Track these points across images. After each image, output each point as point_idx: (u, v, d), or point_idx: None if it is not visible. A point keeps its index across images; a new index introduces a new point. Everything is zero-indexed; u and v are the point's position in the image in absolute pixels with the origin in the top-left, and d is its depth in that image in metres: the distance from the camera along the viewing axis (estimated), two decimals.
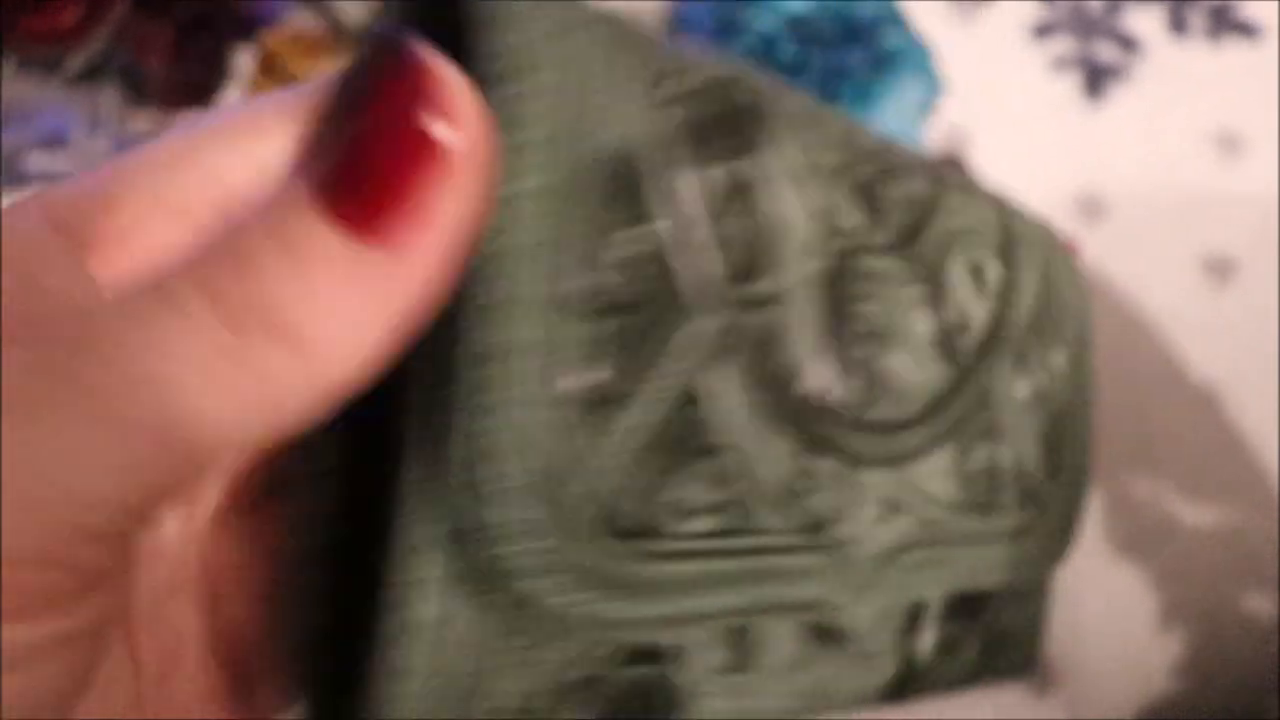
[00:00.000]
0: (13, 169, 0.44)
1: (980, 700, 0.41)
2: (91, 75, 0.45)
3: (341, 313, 0.15)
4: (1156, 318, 0.45)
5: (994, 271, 0.27)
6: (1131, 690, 0.41)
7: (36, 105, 0.45)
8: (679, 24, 0.45)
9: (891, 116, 0.43)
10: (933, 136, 0.46)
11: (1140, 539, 0.42)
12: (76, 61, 0.45)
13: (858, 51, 0.43)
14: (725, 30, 0.43)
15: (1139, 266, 0.45)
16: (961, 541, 0.27)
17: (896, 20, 0.44)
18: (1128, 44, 0.48)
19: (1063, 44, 0.48)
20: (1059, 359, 0.30)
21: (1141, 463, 0.43)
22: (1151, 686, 0.41)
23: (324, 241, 0.15)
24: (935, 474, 0.26)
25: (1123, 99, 0.47)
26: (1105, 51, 0.48)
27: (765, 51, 0.42)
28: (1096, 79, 0.47)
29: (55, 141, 0.44)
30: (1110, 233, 0.46)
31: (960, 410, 0.26)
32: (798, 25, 0.43)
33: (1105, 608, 0.42)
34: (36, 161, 0.44)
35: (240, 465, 0.20)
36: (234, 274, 0.15)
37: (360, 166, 0.15)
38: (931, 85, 0.45)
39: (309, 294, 0.15)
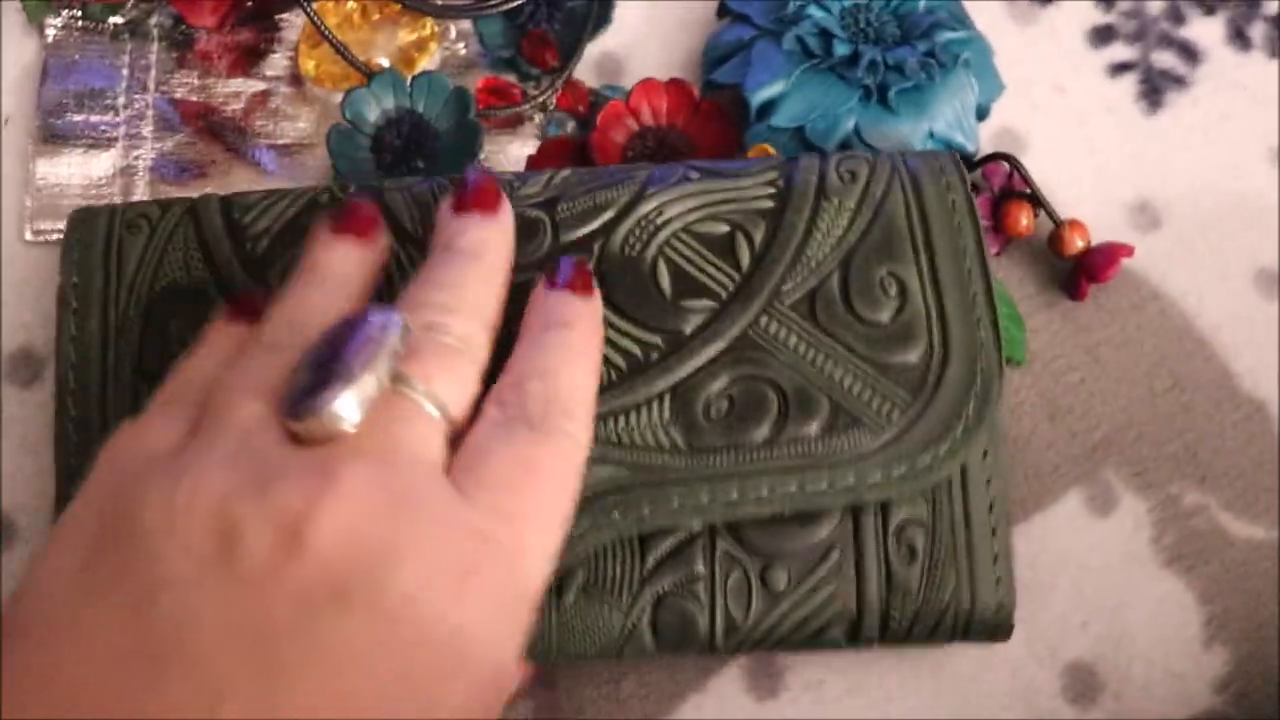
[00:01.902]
0: (51, 124, 0.42)
1: (1018, 708, 0.40)
2: (135, 33, 0.44)
3: None
4: (1208, 329, 0.44)
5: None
6: (1175, 704, 0.41)
7: (78, 60, 0.44)
8: (733, 6, 0.44)
9: (947, 116, 0.42)
10: (989, 136, 0.45)
11: (1188, 551, 0.42)
12: (121, 17, 0.44)
13: (914, 48, 0.42)
14: (779, 22, 0.42)
15: (1192, 276, 0.45)
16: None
17: (958, 18, 0.43)
18: (1188, 53, 0.47)
19: (1122, 50, 0.47)
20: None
21: (1190, 474, 0.43)
22: (1195, 701, 0.41)
23: None
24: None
25: (1181, 108, 0.47)
26: (1164, 59, 0.47)
27: (820, 44, 0.41)
28: (1155, 86, 0.47)
29: (96, 98, 0.43)
30: (1165, 242, 0.46)
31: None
32: (854, 18, 0.42)
33: (1150, 619, 0.41)
34: (76, 117, 0.43)
35: None
36: None
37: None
38: (990, 86, 0.44)
39: None
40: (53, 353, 0.41)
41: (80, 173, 0.42)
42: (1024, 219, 0.43)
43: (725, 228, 0.36)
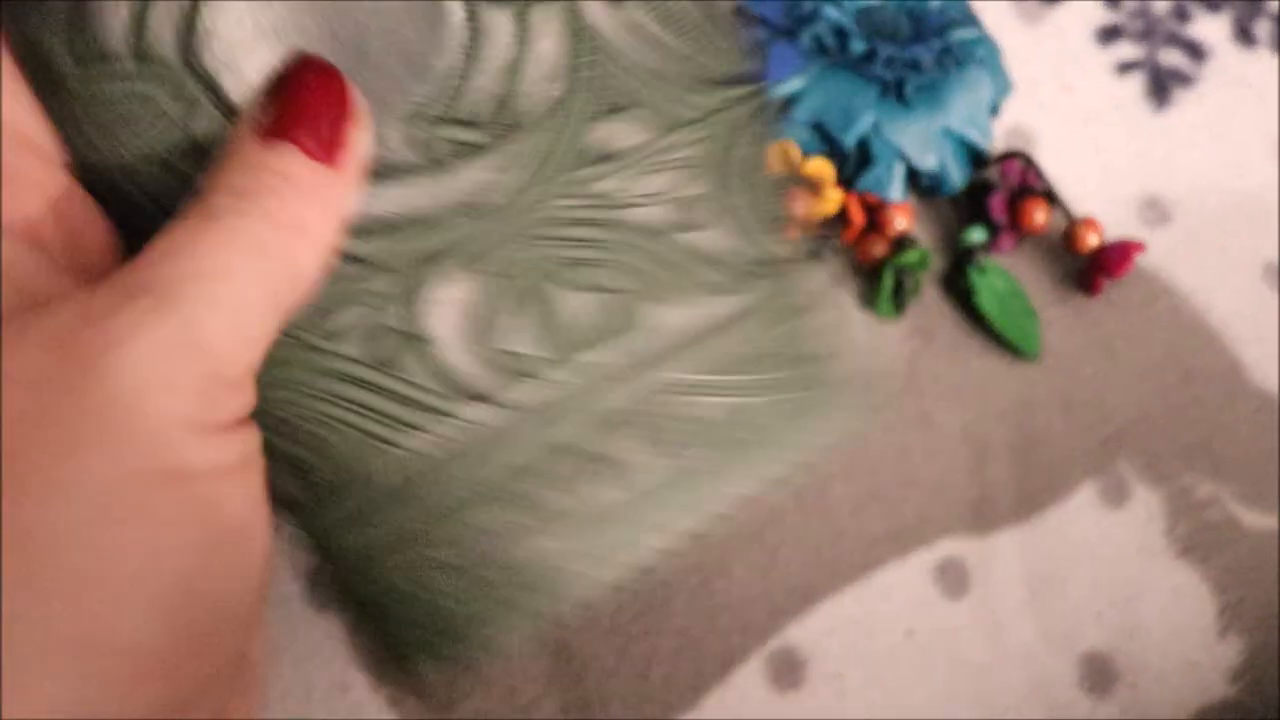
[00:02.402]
0: None
1: (1035, 699, 0.41)
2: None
3: (327, 215, 0.23)
4: (1218, 322, 0.45)
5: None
6: (1190, 693, 0.41)
7: None
8: (751, 14, 0.45)
9: (961, 112, 0.42)
10: (997, 135, 0.46)
11: (1201, 541, 0.42)
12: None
13: (928, 46, 0.42)
14: (795, 22, 0.43)
15: (1202, 271, 0.46)
16: None
17: (968, 18, 0.44)
18: (1194, 51, 0.48)
19: (1128, 48, 0.48)
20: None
21: (1203, 466, 0.43)
22: (1209, 691, 0.41)
23: (307, 170, 0.23)
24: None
25: (1187, 105, 0.48)
26: (1171, 57, 0.48)
27: (836, 42, 0.42)
28: (1162, 84, 0.47)
29: None
30: (1174, 237, 0.46)
31: None
32: (869, 17, 0.43)
33: (1164, 610, 0.41)
34: None
35: None
36: (257, 193, 0.22)
37: (314, 121, 0.23)
38: (1001, 84, 0.44)
39: (309, 203, 0.22)
40: None
41: None
42: (1039, 216, 0.43)
43: None
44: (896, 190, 0.43)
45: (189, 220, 0.22)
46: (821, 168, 0.42)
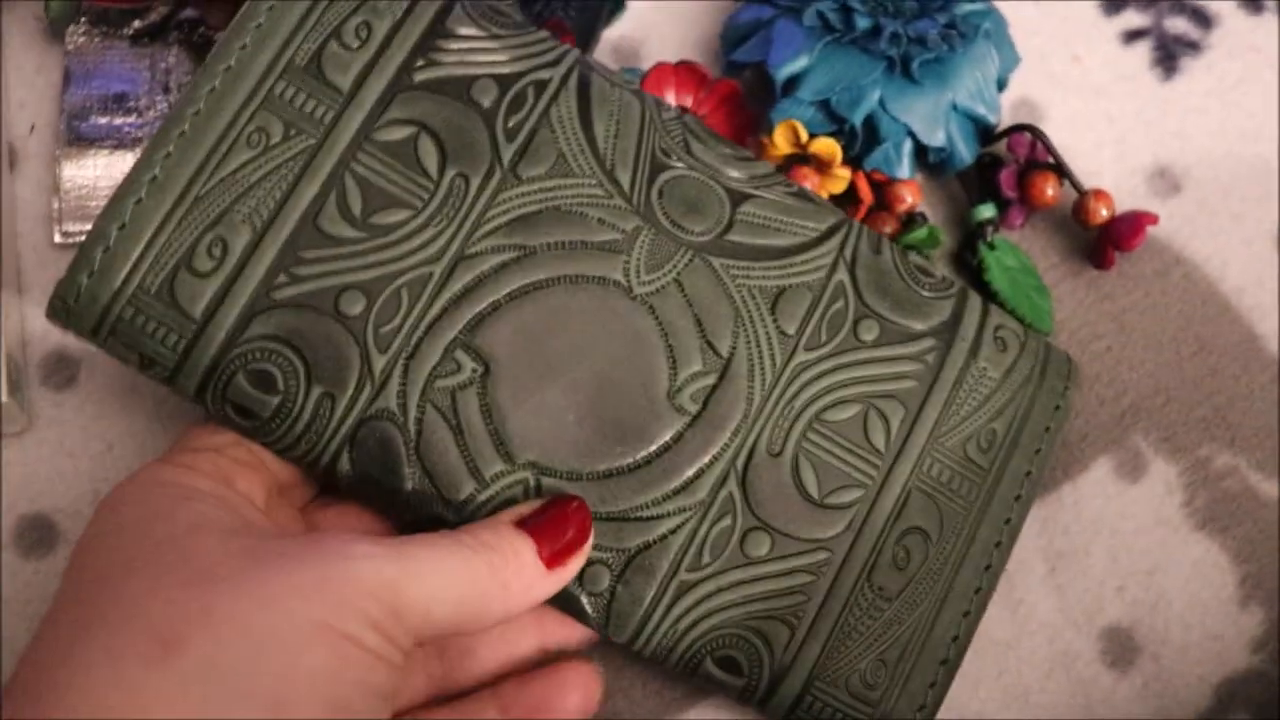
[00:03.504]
0: (76, 128, 0.42)
1: (1058, 674, 0.40)
2: (155, 36, 0.44)
3: (526, 593, 0.32)
4: (1232, 292, 0.44)
5: None
6: (1213, 664, 0.41)
7: (100, 65, 0.43)
8: None
9: (969, 87, 0.42)
10: (1005, 109, 0.45)
11: (1219, 513, 0.42)
12: (142, 22, 0.44)
13: (934, 20, 0.42)
14: None
15: (1214, 241, 0.45)
16: None
17: None
18: (1200, 18, 0.47)
19: (1134, 17, 0.47)
20: None
21: (1219, 437, 0.42)
22: (1232, 661, 0.41)
23: (531, 560, 0.32)
24: None
25: (1196, 73, 0.47)
26: (1177, 25, 0.47)
27: (841, 19, 0.41)
28: (1169, 53, 0.47)
29: (119, 101, 0.43)
30: (1185, 207, 0.45)
31: None
32: None
33: (1185, 582, 0.41)
34: (100, 120, 0.43)
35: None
36: (492, 549, 0.32)
37: (556, 536, 0.33)
38: (1008, 58, 0.44)
39: (519, 578, 0.32)
40: (86, 355, 0.41)
41: (106, 174, 0.42)
42: (1049, 189, 0.43)
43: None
44: (905, 167, 0.42)
45: (440, 535, 0.31)
46: (829, 146, 0.41)
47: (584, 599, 0.35)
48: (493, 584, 0.31)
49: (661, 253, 0.36)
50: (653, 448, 0.35)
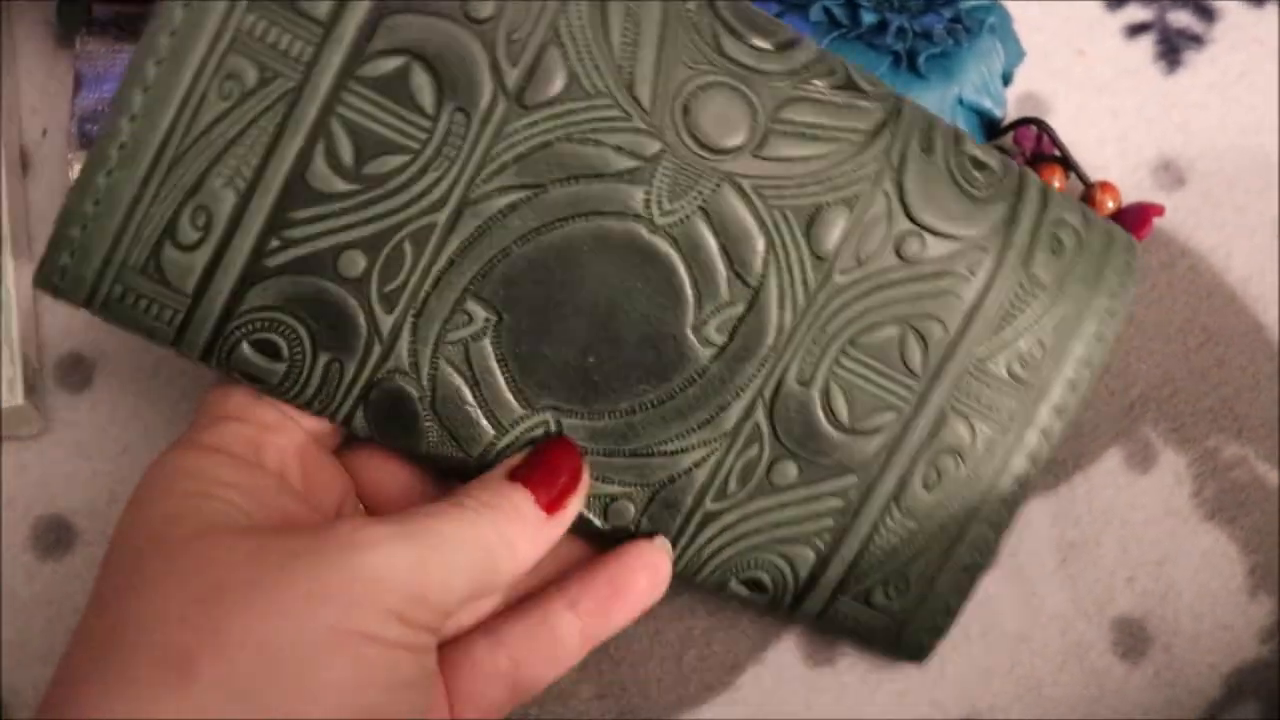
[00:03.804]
0: (88, 132, 0.42)
1: (1071, 665, 0.41)
2: None
3: (533, 544, 0.32)
4: (1237, 283, 0.45)
5: None
6: (1223, 654, 0.41)
7: (110, 69, 0.44)
8: None
9: (975, 81, 0.42)
10: (1011, 103, 0.45)
11: (1228, 503, 0.42)
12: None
13: (939, 15, 0.42)
14: None
15: (1219, 232, 0.45)
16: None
17: None
18: (1203, 11, 0.47)
19: (1138, 11, 0.47)
20: None
21: (1227, 427, 0.43)
22: (1242, 651, 0.41)
23: (531, 511, 0.32)
24: None
25: (1199, 66, 0.47)
26: (1181, 18, 0.47)
27: (847, 14, 0.41)
28: (1173, 46, 0.47)
29: None
30: (1190, 199, 0.46)
31: None
32: None
33: (1195, 572, 0.41)
34: None
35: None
36: (494, 508, 0.31)
37: (550, 481, 0.32)
38: (1012, 52, 0.44)
39: (523, 531, 0.32)
40: (101, 356, 0.41)
41: None
42: (1055, 182, 0.43)
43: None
44: None
45: (443, 504, 0.31)
46: None
47: (609, 533, 0.35)
48: (500, 543, 0.31)
49: (686, 178, 0.33)
50: (676, 382, 0.34)
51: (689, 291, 0.34)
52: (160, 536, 0.30)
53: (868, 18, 0.41)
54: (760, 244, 0.34)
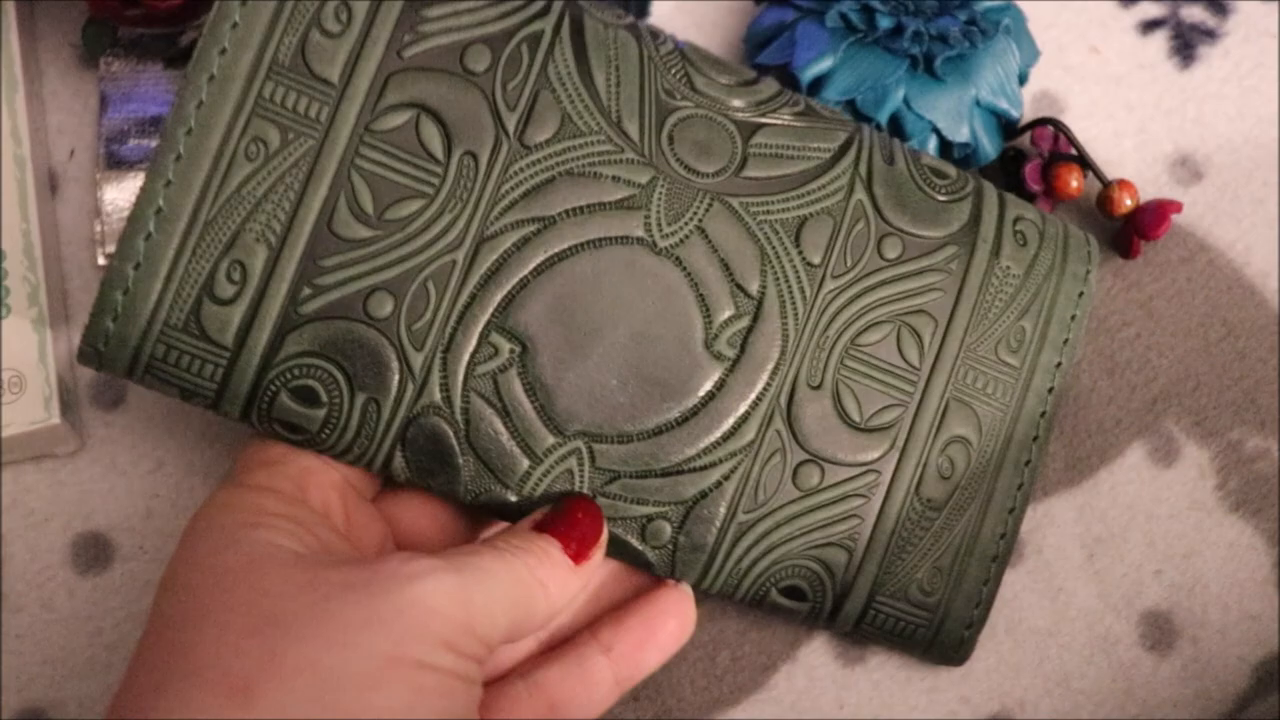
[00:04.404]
0: (114, 152, 0.43)
1: (1099, 659, 0.41)
2: (188, 58, 0.45)
3: (562, 588, 0.33)
4: (1257, 276, 0.45)
5: None
6: (1251, 645, 0.41)
7: (135, 88, 0.44)
8: (769, 0, 0.45)
9: (991, 83, 0.42)
10: (1027, 101, 0.45)
11: (1253, 495, 0.42)
12: (177, 44, 0.45)
13: (954, 18, 0.42)
14: (820, 1, 0.43)
15: (1237, 226, 0.46)
16: None
17: None
18: (1216, 5, 0.48)
19: (1151, 7, 0.48)
20: None
21: (1250, 420, 0.43)
22: (1270, 641, 0.41)
23: (560, 557, 0.33)
24: None
25: (1213, 60, 0.48)
26: (1193, 13, 0.47)
27: (863, 19, 0.42)
28: (1186, 41, 0.47)
29: (155, 124, 0.44)
30: (1208, 194, 0.46)
31: None
32: None
33: (1221, 564, 0.42)
34: (137, 143, 0.43)
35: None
36: (527, 552, 0.33)
37: (573, 534, 0.34)
38: (1027, 52, 0.44)
39: (553, 574, 0.33)
40: None
41: None
42: (1074, 181, 0.43)
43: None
44: None
45: (479, 547, 0.32)
46: None
47: (648, 553, 0.36)
48: (534, 582, 0.32)
49: (680, 201, 0.35)
50: (697, 398, 0.36)
51: (697, 308, 0.36)
52: (215, 567, 0.30)
53: (884, 22, 0.42)
54: (756, 257, 0.36)
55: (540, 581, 0.32)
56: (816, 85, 0.42)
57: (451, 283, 0.34)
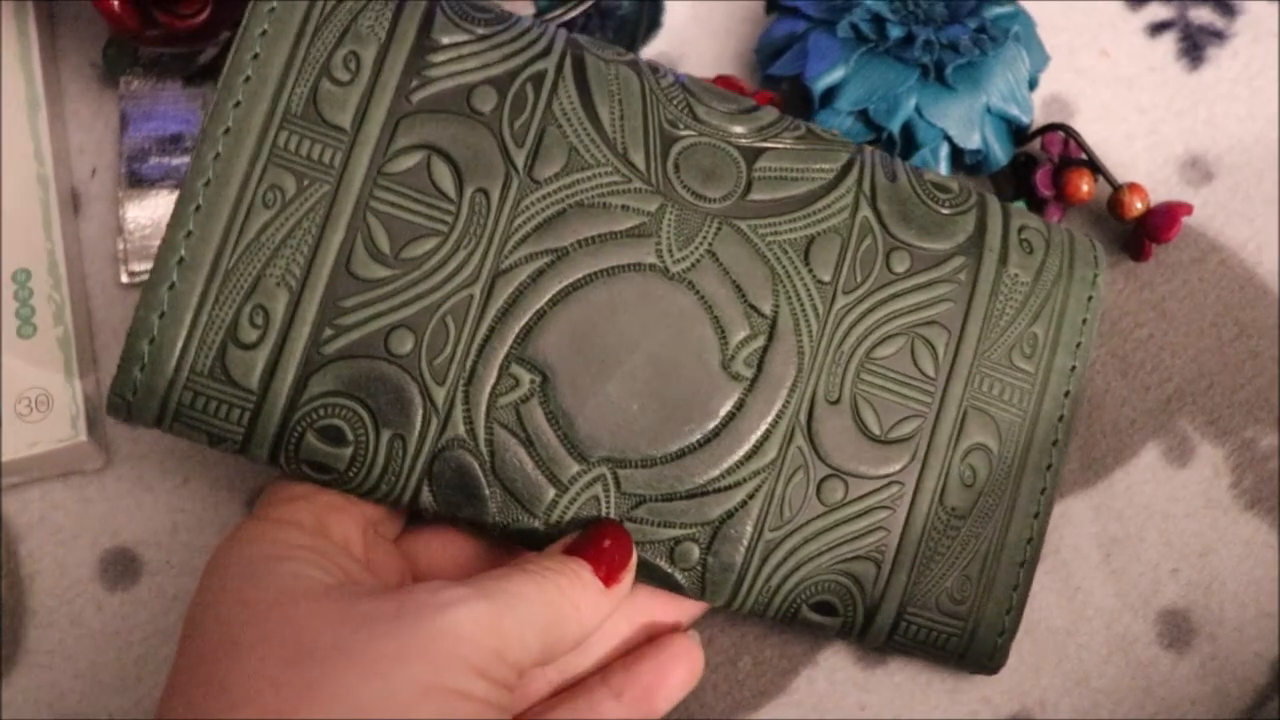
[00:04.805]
0: (136, 170, 0.44)
1: (1117, 658, 0.41)
2: (206, 77, 0.45)
3: (594, 610, 0.33)
4: (1269, 275, 0.45)
5: None
6: (1268, 642, 0.42)
7: (155, 107, 0.45)
8: (782, 1, 0.45)
9: (1001, 89, 0.43)
10: (1037, 105, 0.46)
11: (1268, 493, 0.43)
12: (196, 62, 0.45)
13: (964, 26, 0.43)
14: (831, 11, 0.43)
15: (1249, 226, 0.46)
16: None
17: None
18: (1224, 6, 0.48)
19: (1159, 9, 0.48)
20: None
21: (1264, 418, 0.43)
22: None
23: (591, 579, 0.34)
24: None
25: (1222, 61, 0.48)
26: (1201, 15, 0.48)
27: (874, 29, 0.42)
28: (1195, 42, 0.48)
29: (175, 142, 0.44)
30: (1219, 194, 0.47)
31: None
32: (904, 2, 0.43)
33: (1238, 562, 0.42)
34: (158, 161, 0.44)
35: None
36: (558, 574, 0.33)
37: (604, 557, 0.34)
38: (1037, 57, 0.45)
39: (585, 596, 0.33)
40: None
41: (168, 214, 0.43)
42: (1084, 186, 0.44)
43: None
44: (943, 171, 0.43)
45: (509, 569, 0.33)
46: None
47: (678, 575, 0.36)
48: (566, 604, 0.32)
49: (689, 227, 0.36)
50: (718, 419, 0.36)
51: (713, 331, 0.36)
52: (246, 600, 0.31)
53: (894, 32, 0.42)
54: (768, 277, 0.37)
55: (573, 604, 0.33)
56: (829, 95, 0.43)
57: (470, 317, 0.35)
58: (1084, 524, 0.43)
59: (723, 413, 0.36)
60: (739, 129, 0.37)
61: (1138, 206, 0.44)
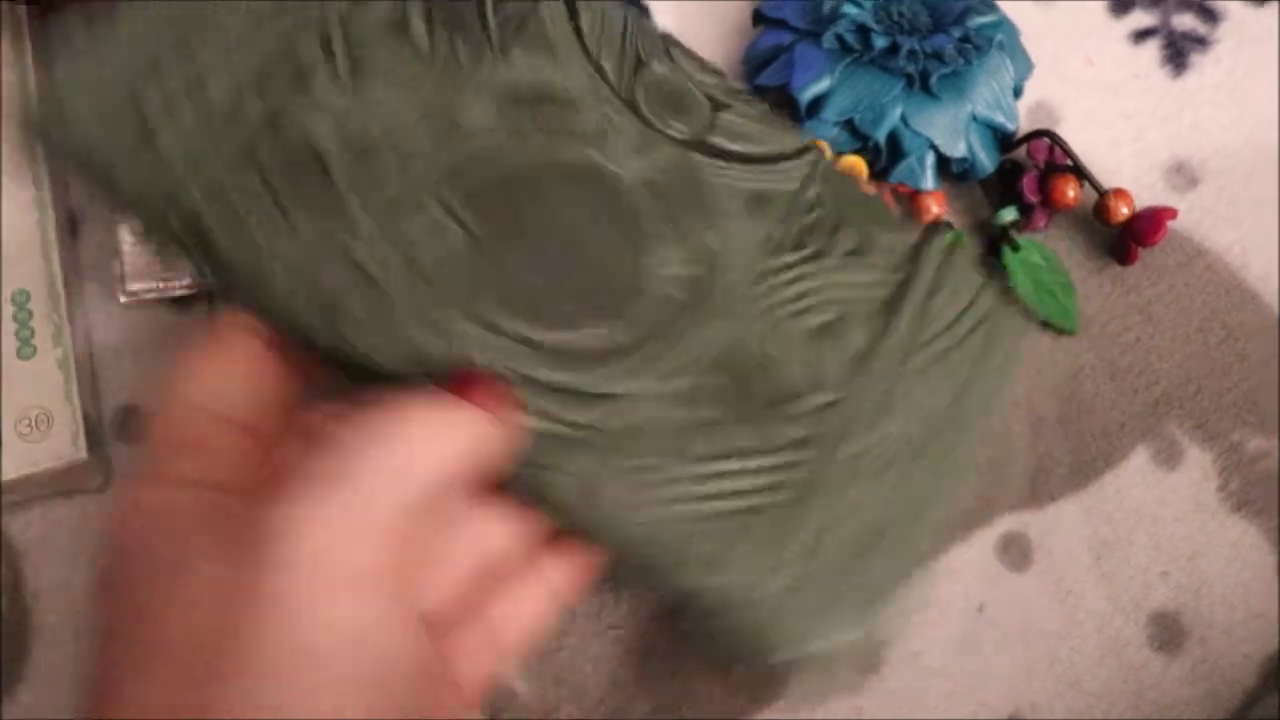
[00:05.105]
0: None
1: (1109, 660, 0.42)
2: None
3: (494, 431, 0.32)
4: (1255, 279, 0.46)
5: None
6: (1257, 644, 0.42)
7: None
8: (768, 13, 0.46)
9: (986, 98, 0.43)
10: (1022, 113, 0.46)
11: (1255, 495, 0.43)
12: None
13: (949, 35, 0.43)
14: (816, 23, 0.44)
15: (1234, 230, 0.47)
16: None
17: (985, 2, 0.45)
18: (1206, 12, 0.48)
19: (1142, 16, 0.48)
20: None
21: (1251, 421, 0.44)
22: (1274, 640, 0.42)
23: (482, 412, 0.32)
24: None
25: (1205, 67, 0.48)
26: (1185, 21, 0.48)
27: (859, 40, 0.43)
28: (1179, 49, 0.48)
29: None
30: (1204, 199, 0.47)
31: None
32: (888, 12, 0.43)
33: (1226, 564, 0.42)
34: None
35: None
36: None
37: (483, 389, 0.32)
38: (1022, 65, 0.45)
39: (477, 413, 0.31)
40: (154, 408, 0.43)
41: None
42: (1070, 191, 0.44)
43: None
44: (929, 179, 0.44)
45: (407, 395, 0.30)
46: (855, 163, 0.43)
47: (559, 479, 0.34)
48: (465, 416, 0.31)
49: (644, 142, 0.36)
50: (632, 335, 0.35)
51: (645, 245, 0.36)
52: (134, 615, 0.30)
53: (879, 42, 0.43)
54: (712, 212, 0.36)
55: (470, 417, 0.31)
56: (815, 106, 0.43)
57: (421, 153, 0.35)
58: (1075, 527, 0.43)
59: (639, 329, 0.35)
60: (711, 80, 0.38)
61: (1123, 211, 0.44)
